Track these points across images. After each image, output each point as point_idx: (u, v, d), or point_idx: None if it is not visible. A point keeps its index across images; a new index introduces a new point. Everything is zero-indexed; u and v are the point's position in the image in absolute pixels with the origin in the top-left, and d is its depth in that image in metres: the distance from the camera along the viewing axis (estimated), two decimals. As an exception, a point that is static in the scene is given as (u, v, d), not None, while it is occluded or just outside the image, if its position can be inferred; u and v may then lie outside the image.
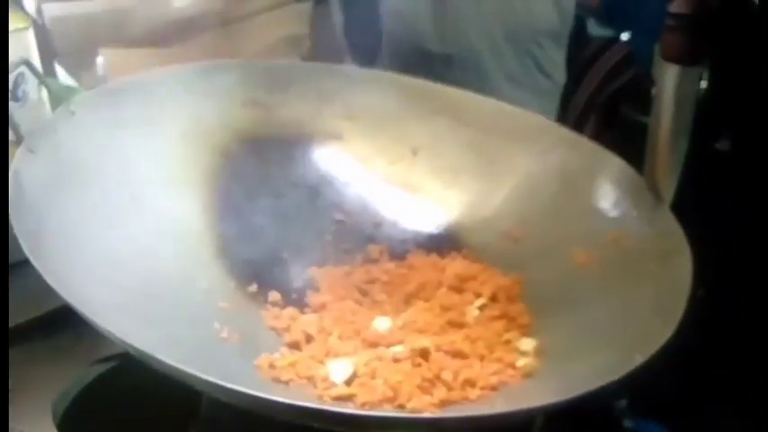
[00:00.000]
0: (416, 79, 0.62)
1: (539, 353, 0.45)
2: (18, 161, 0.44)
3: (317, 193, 0.59)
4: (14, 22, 0.52)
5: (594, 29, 0.93)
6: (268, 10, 0.82)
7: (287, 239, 0.55)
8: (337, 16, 0.89)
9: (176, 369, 0.34)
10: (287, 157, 0.59)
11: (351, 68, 0.67)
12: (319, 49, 0.84)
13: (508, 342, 0.46)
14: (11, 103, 0.46)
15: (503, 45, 0.78)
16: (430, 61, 0.76)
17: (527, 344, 0.46)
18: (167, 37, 0.72)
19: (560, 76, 0.83)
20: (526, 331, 0.47)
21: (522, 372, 0.44)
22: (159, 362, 0.35)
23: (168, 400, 0.45)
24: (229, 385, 0.34)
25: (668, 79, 0.44)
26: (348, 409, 0.39)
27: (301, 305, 0.51)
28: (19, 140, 0.46)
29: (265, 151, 0.58)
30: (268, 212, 0.56)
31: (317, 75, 0.62)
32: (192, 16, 0.77)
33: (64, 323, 0.51)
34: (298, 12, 0.84)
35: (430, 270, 0.54)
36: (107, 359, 0.50)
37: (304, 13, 0.85)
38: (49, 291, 0.39)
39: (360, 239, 0.56)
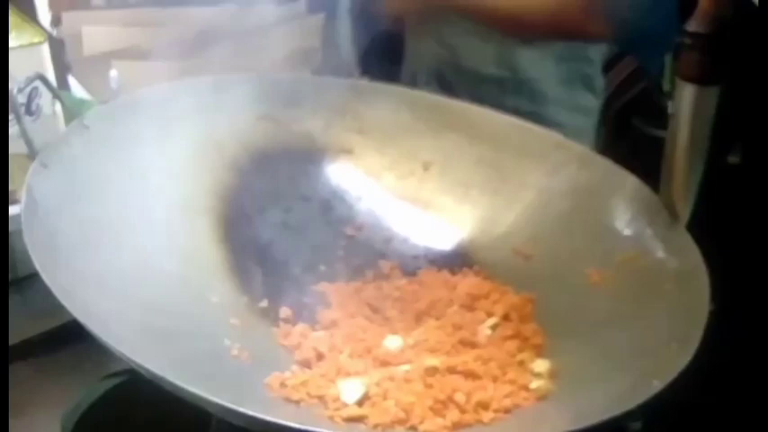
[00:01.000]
0: (428, 94, 0.62)
1: (552, 375, 0.44)
2: (31, 176, 0.44)
3: (328, 207, 0.58)
4: (29, 37, 0.52)
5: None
6: (280, 23, 0.82)
7: (298, 254, 0.55)
8: (344, 30, 0.88)
9: (187, 391, 0.34)
10: (298, 172, 0.59)
11: (362, 83, 0.67)
12: (329, 62, 0.84)
13: (521, 363, 0.46)
14: (25, 117, 0.47)
15: (557, 65, 0.76)
16: (479, 84, 0.74)
17: (540, 365, 0.45)
18: (180, 50, 0.73)
19: (602, 89, 0.82)
20: (539, 352, 0.47)
21: (535, 394, 0.43)
22: (170, 384, 0.35)
23: (178, 415, 0.45)
24: (240, 409, 0.34)
25: (685, 99, 0.44)
26: (360, 432, 0.39)
27: (312, 321, 0.50)
28: (32, 154, 0.46)
29: (277, 165, 0.58)
30: (279, 227, 0.56)
31: (328, 89, 0.62)
32: (205, 30, 0.78)
33: (74, 337, 0.51)
34: (309, 25, 0.85)
35: (441, 287, 0.53)
36: (117, 374, 0.50)
37: (316, 26, 0.85)
38: (59, 305, 0.39)
39: (371, 255, 0.56)
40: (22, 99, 0.48)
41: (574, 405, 0.41)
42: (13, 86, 0.46)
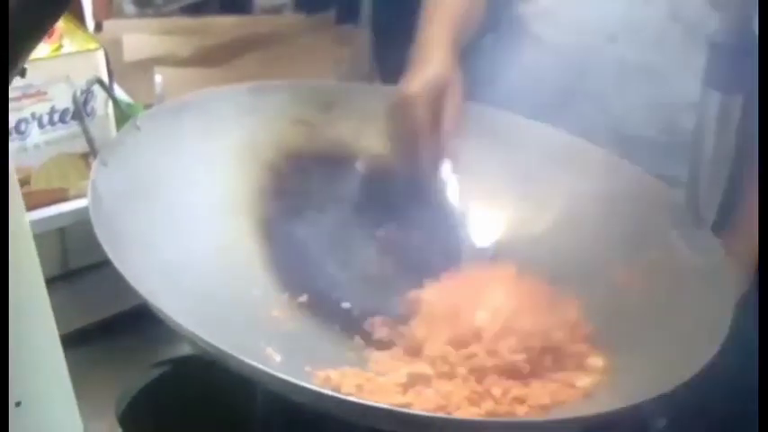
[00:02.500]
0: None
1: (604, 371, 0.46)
2: (94, 173, 0.47)
3: (359, 209, 0.60)
4: (84, 43, 0.55)
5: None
6: (309, 32, 0.85)
7: (332, 254, 0.57)
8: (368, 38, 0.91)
9: (258, 369, 0.36)
10: (331, 174, 0.60)
11: (391, 89, 0.70)
12: (355, 71, 0.87)
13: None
14: (85, 118, 0.49)
15: None
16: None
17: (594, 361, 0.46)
18: (219, 57, 0.76)
19: None
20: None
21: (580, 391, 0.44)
22: (243, 363, 0.37)
23: (223, 399, 0.47)
24: (316, 389, 0.36)
25: (711, 106, 0.46)
26: (415, 410, 0.41)
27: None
28: (93, 153, 0.49)
29: (311, 167, 0.60)
30: (313, 227, 0.58)
31: (359, 95, 0.64)
32: (237, 38, 0.81)
33: (125, 327, 0.54)
34: (337, 35, 0.88)
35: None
36: (164, 363, 0.52)
37: (343, 36, 0.88)
38: (111, 296, 0.42)
39: (401, 256, 0.58)
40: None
41: (607, 397, 0.43)
42: (75, 90, 0.49)
